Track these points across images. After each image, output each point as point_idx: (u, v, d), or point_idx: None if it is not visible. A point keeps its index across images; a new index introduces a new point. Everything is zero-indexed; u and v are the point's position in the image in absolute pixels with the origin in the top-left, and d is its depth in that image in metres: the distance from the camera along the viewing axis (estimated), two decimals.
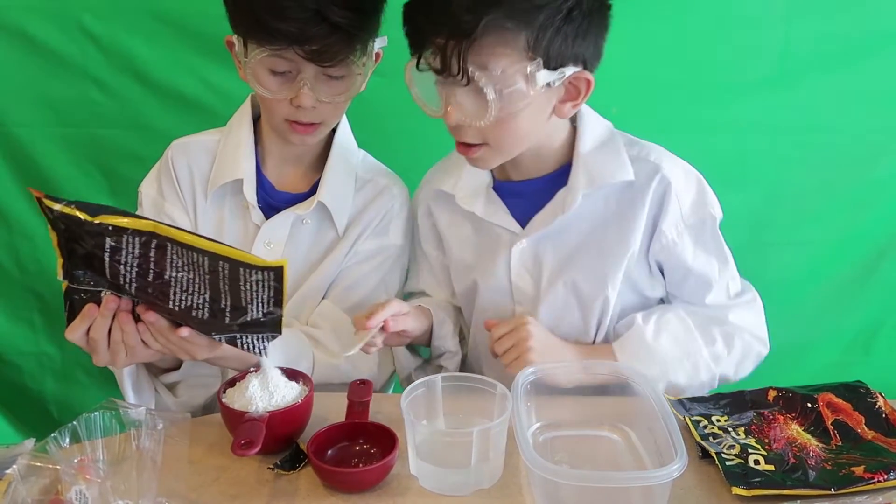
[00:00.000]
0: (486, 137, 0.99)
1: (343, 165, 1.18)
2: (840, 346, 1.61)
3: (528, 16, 0.90)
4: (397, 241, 1.21)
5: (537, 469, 0.77)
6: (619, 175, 1.03)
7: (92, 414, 0.82)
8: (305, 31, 0.97)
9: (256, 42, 1.01)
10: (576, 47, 0.93)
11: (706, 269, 1.06)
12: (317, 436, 0.88)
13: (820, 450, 0.87)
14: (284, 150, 1.16)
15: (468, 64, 0.91)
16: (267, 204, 1.16)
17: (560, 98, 0.98)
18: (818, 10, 1.42)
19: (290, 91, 1.03)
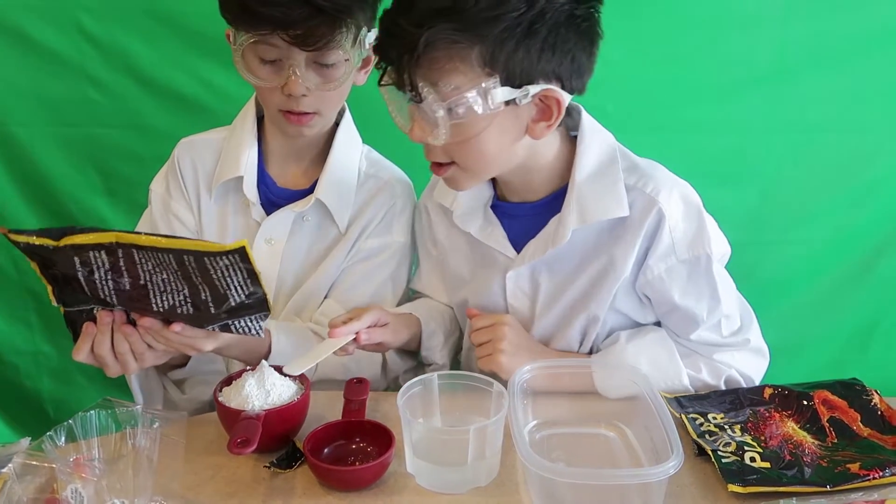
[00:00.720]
0: (452, 156, 0.95)
1: (344, 161, 1.17)
2: (836, 345, 1.61)
3: (481, 29, 0.85)
4: (401, 238, 1.20)
5: (534, 467, 0.77)
6: (612, 211, 0.98)
7: (88, 413, 0.82)
8: (289, 15, 0.97)
9: (243, 28, 1.01)
10: (543, 63, 0.88)
11: (694, 308, 1.00)
12: (313, 434, 0.88)
13: (816, 447, 0.87)
14: (286, 146, 1.16)
15: (417, 80, 0.88)
16: (269, 201, 1.16)
17: (532, 117, 0.93)
18: (814, 9, 1.42)
19: (279, 79, 1.03)
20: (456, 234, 1.11)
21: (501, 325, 1.03)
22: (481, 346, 1.04)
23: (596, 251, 1.01)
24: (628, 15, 1.42)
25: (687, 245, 0.98)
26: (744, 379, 1.04)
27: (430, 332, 1.13)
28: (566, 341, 1.06)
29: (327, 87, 1.05)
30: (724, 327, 1.03)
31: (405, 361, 1.18)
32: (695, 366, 1.03)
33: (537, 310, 1.06)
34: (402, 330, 1.09)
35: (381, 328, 1.03)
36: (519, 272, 1.05)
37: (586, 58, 0.92)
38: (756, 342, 1.06)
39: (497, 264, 1.07)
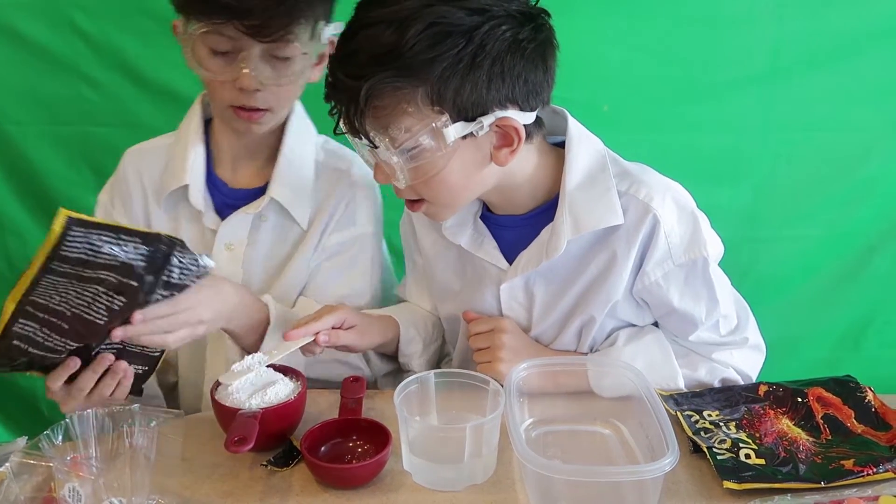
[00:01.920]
0: (419, 194, 0.94)
1: (297, 155, 1.13)
2: (830, 342, 1.62)
3: (421, 71, 0.83)
4: (368, 228, 1.17)
5: (530, 464, 0.77)
6: (606, 220, 0.96)
7: (85, 412, 0.82)
8: (245, 3, 0.94)
9: (195, 17, 0.98)
10: (493, 92, 0.86)
11: (693, 311, 1.00)
12: (310, 432, 0.88)
13: (810, 444, 0.88)
14: (236, 145, 1.12)
15: (367, 129, 0.86)
16: (225, 204, 1.12)
17: (493, 144, 0.91)
18: (809, 7, 1.43)
19: (231, 72, 0.99)
20: (443, 245, 1.09)
21: (500, 333, 1.02)
22: (479, 351, 1.04)
23: (590, 258, 1.00)
24: (623, 14, 1.43)
25: (683, 249, 0.97)
26: (741, 377, 1.04)
27: (408, 339, 1.11)
28: (563, 344, 1.05)
29: (281, 82, 1.02)
30: (722, 327, 1.03)
31: (384, 364, 1.16)
32: (692, 365, 1.03)
33: (534, 318, 1.05)
34: (372, 333, 1.07)
35: (347, 331, 1.01)
36: (513, 283, 1.03)
37: (542, 75, 0.90)
38: (754, 339, 1.07)
39: (489, 276, 1.05)
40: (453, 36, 0.83)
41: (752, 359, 1.06)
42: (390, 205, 1.49)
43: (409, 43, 0.82)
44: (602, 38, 1.44)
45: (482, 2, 0.84)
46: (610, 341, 1.04)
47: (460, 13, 0.83)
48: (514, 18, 0.86)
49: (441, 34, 0.82)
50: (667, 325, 1.05)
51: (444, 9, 0.82)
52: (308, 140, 1.16)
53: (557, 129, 1.01)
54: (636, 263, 0.99)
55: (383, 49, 0.83)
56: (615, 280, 0.99)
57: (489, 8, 0.84)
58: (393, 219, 1.51)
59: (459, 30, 0.83)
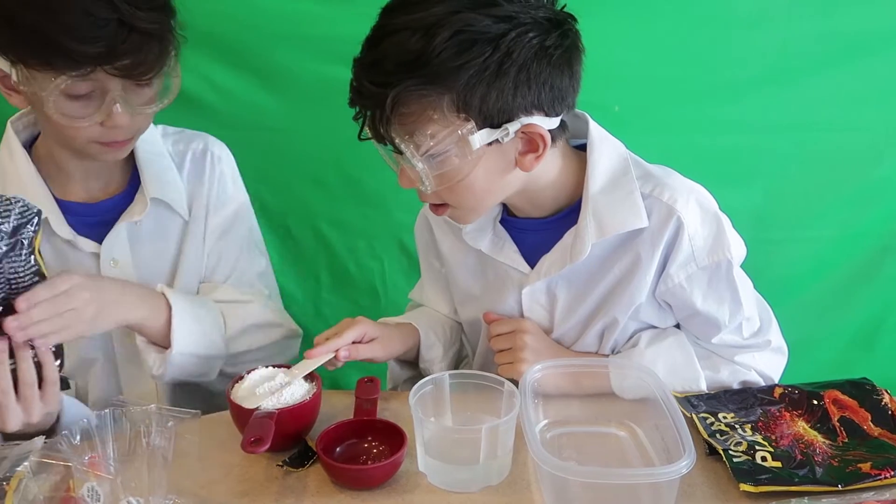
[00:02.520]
0: (443, 199, 0.94)
1: (151, 151, 1.09)
2: (843, 343, 1.61)
3: (447, 79, 0.83)
4: (240, 197, 1.17)
5: (546, 466, 0.77)
6: (631, 223, 0.95)
7: (102, 412, 0.82)
8: (115, 49, 0.87)
9: (52, 69, 0.88)
10: (519, 98, 0.86)
11: (716, 313, 0.99)
12: (326, 433, 0.89)
13: (826, 447, 0.88)
14: (89, 167, 1.06)
15: (392, 135, 0.86)
16: (85, 224, 1.06)
17: (518, 150, 0.91)
18: (820, 7, 1.42)
19: (99, 115, 0.93)
20: (463, 249, 1.08)
21: (522, 334, 1.02)
22: (501, 352, 1.03)
23: (614, 260, 0.99)
24: (634, 15, 1.42)
25: (707, 252, 0.97)
26: (764, 380, 1.04)
27: (429, 344, 1.11)
28: (584, 345, 1.05)
29: (151, 109, 0.97)
30: (745, 329, 1.03)
31: (404, 370, 1.16)
32: (714, 367, 1.03)
33: (555, 320, 1.05)
34: (394, 343, 1.07)
35: (367, 344, 1.01)
36: (535, 287, 1.03)
37: (567, 80, 0.89)
38: (777, 342, 1.06)
39: (510, 280, 1.05)
40: (480, 43, 0.83)
41: (775, 361, 1.06)
42: (404, 208, 1.51)
43: (435, 50, 0.82)
44: (613, 39, 1.43)
45: (509, 9, 0.84)
46: (632, 343, 1.04)
47: (487, 20, 0.83)
48: (541, 25, 0.85)
49: (468, 42, 0.82)
50: (689, 327, 1.04)
51: (471, 16, 0.82)
52: (151, 133, 1.11)
53: (578, 132, 1.01)
54: (659, 266, 0.98)
55: (410, 56, 0.82)
56: (639, 283, 0.99)
57: (516, 15, 0.84)
58: (406, 222, 1.53)
59: (486, 37, 0.83)
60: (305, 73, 1.43)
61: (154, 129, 1.12)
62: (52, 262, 1.04)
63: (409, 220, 1.47)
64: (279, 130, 1.46)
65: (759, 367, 1.03)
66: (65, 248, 1.05)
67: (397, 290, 1.58)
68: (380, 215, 1.55)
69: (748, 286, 1.04)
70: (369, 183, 1.52)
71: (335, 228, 1.58)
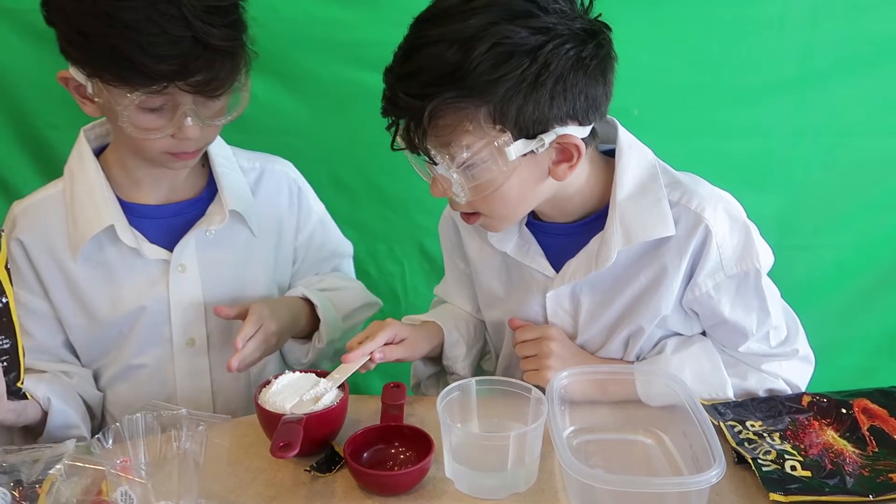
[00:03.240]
0: (476, 208, 0.94)
1: (226, 164, 1.13)
2: (866, 350, 1.60)
3: (485, 92, 0.83)
4: (318, 206, 1.24)
5: (576, 474, 0.77)
6: (658, 231, 0.95)
7: (133, 416, 0.83)
8: (188, 66, 0.90)
9: (127, 84, 0.90)
10: (555, 109, 0.85)
11: (744, 322, 0.99)
12: (353, 438, 0.89)
13: (857, 456, 0.87)
14: (158, 175, 1.08)
15: (428, 145, 0.87)
16: (151, 227, 1.09)
17: (552, 160, 0.91)
18: (842, 11, 1.41)
19: (171, 127, 0.96)
20: (489, 251, 1.08)
21: (548, 341, 1.02)
22: (526, 359, 1.03)
23: (640, 268, 0.99)
24: (655, 18, 1.42)
25: (735, 261, 0.97)
26: (790, 388, 1.03)
27: (452, 342, 1.12)
28: (609, 352, 1.05)
29: (221, 121, 1.00)
30: (773, 338, 1.02)
31: (427, 367, 1.17)
32: (741, 374, 1.02)
33: (579, 326, 1.04)
34: (421, 343, 1.08)
35: (398, 345, 1.03)
36: (559, 291, 1.03)
37: (601, 89, 0.89)
38: (804, 351, 1.06)
39: (535, 283, 1.05)
40: (517, 56, 0.82)
41: (802, 370, 1.05)
42: (425, 212, 1.51)
43: (473, 63, 0.82)
44: (634, 43, 1.42)
45: (546, 20, 0.83)
46: (657, 350, 1.03)
47: (524, 32, 0.82)
48: (578, 36, 0.85)
49: (505, 54, 0.82)
50: (716, 335, 1.04)
51: (509, 28, 0.82)
52: (224, 148, 1.15)
53: (607, 138, 1.01)
54: (686, 274, 0.98)
55: (447, 69, 0.82)
56: (665, 292, 0.98)
57: (553, 27, 0.84)
58: (426, 225, 1.53)
59: (523, 49, 0.83)
60: (328, 77, 1.44)
61: (225, 144, 1.16)
62: (118, 265, 1.08)
63: (430, 223, 1.48)
64: (301, 134, 1.47)
65: (787, 376, 1.03)
66: (129, 253, 1.07)
67: (417, 293, 1.58)
68: (400, 219, 1.54)
69: (776, 295, 1.04)
70: (390, 187, 1.52)
71: (356, 232, 1.57)
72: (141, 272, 1.08)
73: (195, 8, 0.89)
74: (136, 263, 1.08)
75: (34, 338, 1.08)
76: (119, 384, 1.13)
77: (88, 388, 1.12)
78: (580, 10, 0.88)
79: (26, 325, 1.05)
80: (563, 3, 0.85)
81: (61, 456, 0.82)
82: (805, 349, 1.06)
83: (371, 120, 1.40)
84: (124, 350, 1.11)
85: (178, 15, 0.88)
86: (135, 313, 1.09)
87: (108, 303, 1.08)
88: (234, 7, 0.95)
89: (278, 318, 1.09)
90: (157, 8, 0.87)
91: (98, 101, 0.95)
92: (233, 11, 0.95)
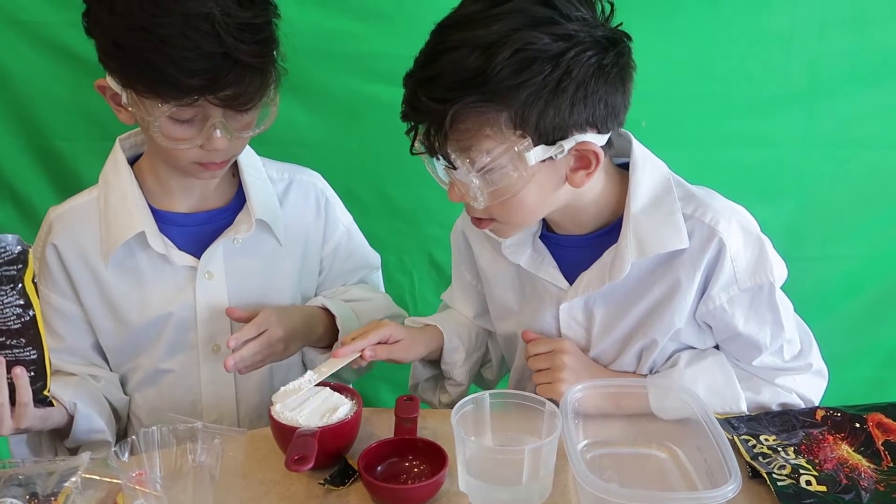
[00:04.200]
0: (491, 213, 0.94)
1: (255, 174, 1.15)
2: (876, 362, 1.59)
3: (507, 97, 0.83)
4: (346, 217, 1.26)
5: (592, 488, 0.77)
6: (672, 244, 0.95)
7: (150, 429, 0.83)
8: (219, 80, 0.92)
9: (159, 97, 0.93)
10: (575, 116, 0.86)
11: (757, 335, 0.99)
12: (367, 451, 0.89)
13: (871, 471, 0.87)
14: (189, 184, 1.11)
15: (448, 150, 0.87)
16: (181, 234, 1.11)
17: (570, 167, 0.91)
18: (851, 24, 1.42)
19: (199, 138, 0.98)
20: (502, 264, 1.09)
21: (561, 354, 1.02)
22: (539, 372, 1.03)
23: (653, 281, 0.99)
24: (665, 30, 1.42)
25: (749, 274, 0.97)
26: (804, 402, 1.03)
27: (452, 348, 1.12)
28: (622, 365, 1.05)
29: (248, 134, 1.02)
30: (786, 352, 1.02)
31: (426, 370, 1.18)
32: (755, 388, 1.02)
33: (592, 338, 1.04)
34: (417, 345, 1.09)
35: (391, 346, 1.03)
36: (573, 304, 1.03)
37: (621, 97, 0.90)
38: (818, 365, 1.06)
39: (548, 295, 1.05)
40: (539, 62, 0.83)
41: (816, 384, 1.05)
42: (435, 223, 1.52)
43: (495, 69, 0.82)
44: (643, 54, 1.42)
45: (569, 27, 0.84)
46: (671, 363, 1.03)
47: (546, 38, 0.83)
48: (599, 44, 0.85)
49: (527, 60, 0.82)
50: (730, 349, 1.04)
51: (531, 34, 0.82)
52: (254, 155, 1.17)
53: (621, 151, 1.02)
54: (700, 288, 0.98)
55: (469, 74, 0.83)
56: (679, 305, 0.98)
57: (575, 34, 0.84)
58: (436, 236, 1.53)
59: (545, 55, 0.83)
60: (339, 89, 1.45)
61: (255, 155, 1.18)
62: (147, 271, 1.10)
63: (440, 234, 1.48)
64: (312, 146, 1.47)
65: (800, 390, 1.03)
66: (158, 260, 1.10)
67: (426, 304, 1.58)
68: (410, 230, 1.55)
69: (789, 308, 1.03)
70: (400, 198, 1.53)
71: None
72: (169, 278, 1.10)
73: (228, 25, 0.91)
74: (165, 269, 1.10)
75: (64, 340, 1.11)
76: (146, 388, 1.15)
77: (115, 392, 1.13)
78: (601, 19, 0.88)
79: (57, 328, 1.10)
80: (585, 10, 0.86)
81: (76, 468, 0.83)
82: (819, 363, 1.06)
83: (382, 131, 1.44)
84: (151, 355, 1.12)
85: (211, 31, 0.90)
86: (162, 318, 1.11)
87: (137, 307, 1.10)
88: (267, 24, 0.97)
89: (287, 324, 1.09)
90: (191, 24, 0.90)
91: (132, 110, 0.98)
92: (265, 28, 0.96)
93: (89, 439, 1.05)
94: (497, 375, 1.26)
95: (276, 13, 0.99)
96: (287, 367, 1.20)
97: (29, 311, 0.86)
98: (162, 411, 1.09)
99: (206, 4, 0.90)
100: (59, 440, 1.07)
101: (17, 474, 0.84)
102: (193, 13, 0.89)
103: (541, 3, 0.84)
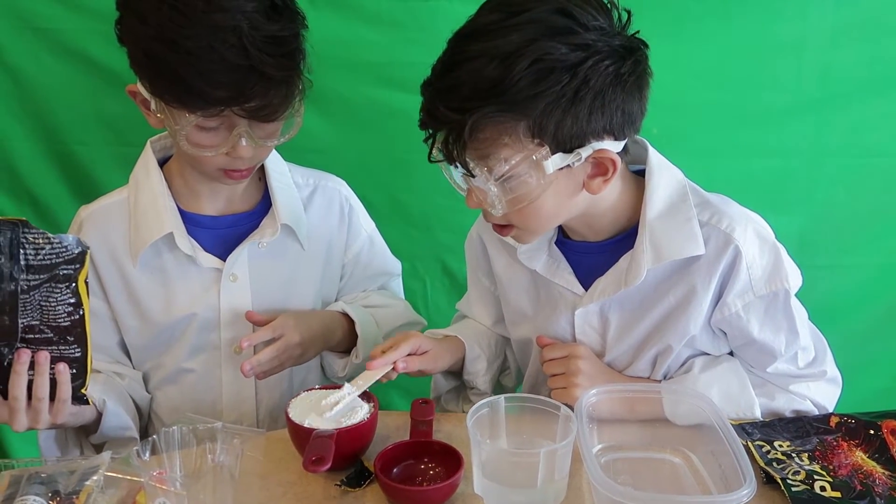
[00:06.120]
0: (510, 220, 0.95)
1: (281, 179, 1.17)
2: (889, 372, 1.59)
3: (525, 106, 0.84)
4: (369, 225, 1.27)
5: (608, 491, 0.78)
6: (688, 250, 0.96)
7: (170, 428, 0.84)
8: (244, 92, 0.94)
9: (185, 107, 0.96)
10: (593, 124, 0.87)
11: (772, 342, 0.99)
12: (383, 453, 0.90)
13: (886, 477, 0.87)
14: (215, 188, 1.13)
15: (466, 158, 0.88)
16: (208, 236, 1.13)
17: (587, 174, 0.92)
18: (863, 33, 1.42)
19: (225, 146, 1.00)
20: (517, 269, 1.09)
21: (576, 359, 1.02)
22: (554, 377, 1.04)
23: (668, 287, 0.99)
24: (677, 39, 1.43)
25: (765, 281, 0.97)
26: (818, 409, 1.03)
27: (473, 357, 1.13)
28: (637, 370, 1.05)
29: (273, 143, 1.04)
30: (801, 359, 1.02)
31: (448, 381, 1.18)
32: (769, 394, 1.02)
33: (607, 344, 1.05)
34: (443, 356, 1.09)
35: (421, 356, 1.04)
36: (588, 309, 1.03)
37: (637, 104, 0.91)
38: (832, 372, 1.06)
39: (563, 301, 1.05)
40: (557, 71, 0.84)
41: (830, 392, 1.05)
42: (448, 230, 1.53)
43: (514, 79, 0.83)
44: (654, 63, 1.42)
45: (586, 37, 0.85)
46: (685, 369, 1.04)
47: (564, 48, 0.84)
48: (616, 53, 0.86)
49: (546, 70, 0.83)
50: (744, 355, 1.04)
51: (549, 44, 0.83)
52: (280, 160, 1.19)
53: (637, 158, 1.02)
54: (715, 294, 0.98)
55: (487, 84, 0.84)
56: (693, 312, 0.99)
57: (593, 43, 0.85)
58: (449, 243, 1.54)
59: (563, 65, 0.84)
60: (353, 96, 1.46)
61: (282, 160, 1.19)
62: (174, 271, 1.12)
63: (452, 241, 1.49)
64: (326, 152, 1.48)
65: (814, 398, 1.03)
66: (185, 261, 1.11)
67: (439, 311, 1.58)
68: (423, 236, 1.56)
69: (804, 316, 1.04)
70: (413, 205, 1.54)
71: None
72: (195, 279, 1.12)
73: (255, 37, 0.92)
74: (191, 271, 1.12)
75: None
76: (168, 387, 1.16)
77: (138, 389, 1.15)
78: (618, 27, 0.89)
79: None
80: (602, 19, 0.86)
81: (98, 467, 0.84)
82: (833, 371, 1.06)
83: (395, 139, 1.45)
84: (174, 354, 1.14)
85: (238, 44, 0.91)
86: (186, 319, 1.12)
87: (162, 306, 1.12)
88: (294, 37, 0.98)
89: (305, 330, 1.10)
90: (218, 36, 0.91)
91: (160, 116, 1.00)
92: (292, 41, 0.98)
93: (116, 436, 1.07)
94: (516, 382, 1.26)
95: (305, 24, 1.01)
96: (306, 369, 1.21)
97: (79, 310, 0.88)
98: (182, 410, 1.10)
99: (234, 17, 0.91)
100: (85, 436, 1.09)
101: (40, 472, 0.85)
102: (221, 25, 0.91)
103: (558, 12, 0.85)
